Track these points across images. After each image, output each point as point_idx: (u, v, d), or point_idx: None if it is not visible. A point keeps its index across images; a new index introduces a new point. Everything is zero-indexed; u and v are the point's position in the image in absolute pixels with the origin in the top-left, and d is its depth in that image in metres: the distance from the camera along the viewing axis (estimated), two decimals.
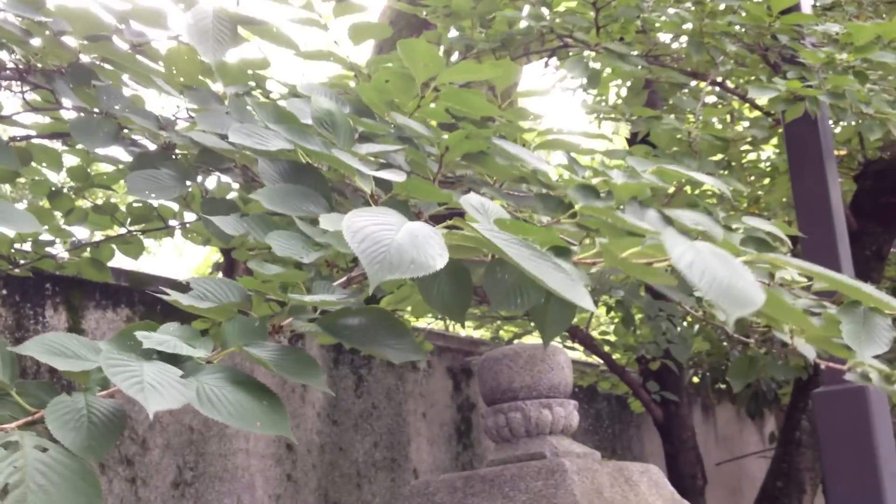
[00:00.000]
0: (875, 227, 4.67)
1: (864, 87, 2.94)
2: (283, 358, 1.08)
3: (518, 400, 2.49)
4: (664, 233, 1.09)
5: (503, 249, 1.01)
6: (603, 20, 3.77)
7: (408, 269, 0.95)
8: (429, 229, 1.03)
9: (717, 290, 0.97)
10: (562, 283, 1.01)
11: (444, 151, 1.64)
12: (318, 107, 1.51)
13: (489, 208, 1.32)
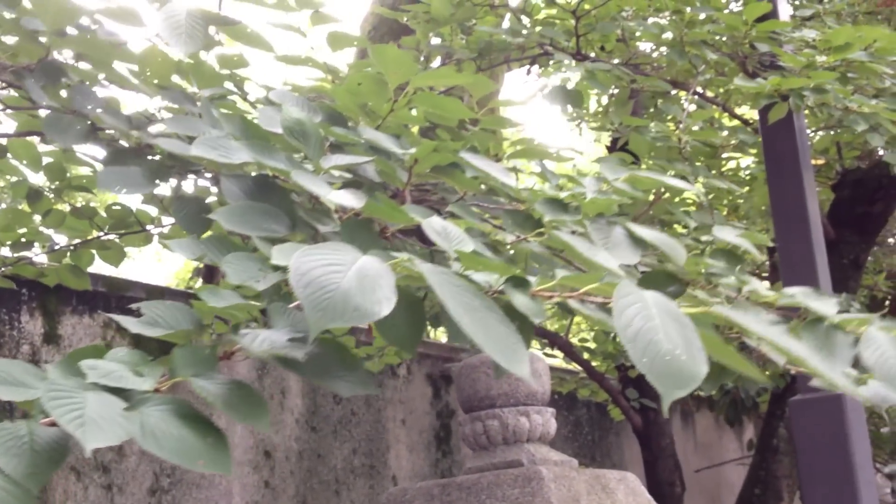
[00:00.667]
0: (852, 235, 4.70)
1: (846, 87, 2.96)
2: (231, 394, 1.06)
3: (496, 407, 2.50)
4: (619, 287, 1.06)
5: (441, 297, 0.98)
6: (583, 29, 3.79)
7: (351, 316, 0.93)
8: (380, 268, 1.01)
9: (658, 369, 0.94)
10: (499, 344, 0.98)
11: (413, 163, 1.63)
12: (289, 116, 1.50)
13: (451, 233, 1.31)
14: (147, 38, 1.86)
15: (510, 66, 5.33)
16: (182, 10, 1.57)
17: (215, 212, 1.34)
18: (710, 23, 3.48)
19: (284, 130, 1.55)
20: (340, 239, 1.36)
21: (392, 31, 6.21)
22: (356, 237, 1.35)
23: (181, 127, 1.57)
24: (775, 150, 3.55)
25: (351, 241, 1.35)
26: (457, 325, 1.36)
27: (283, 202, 1.44)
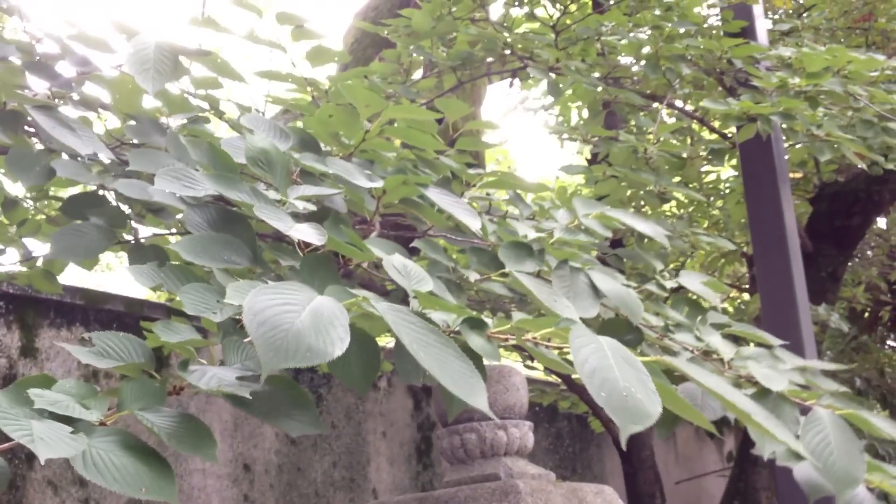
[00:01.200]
0: (830, 248, 4.73)
1: (817, 111, 2.99)
2: (177, 427, 1.06)
3: (473, 421, 2.50)
4: (573, 331, 1.09)
5: (401, 337, 1.00)
6: (562, 42, 3.81)
7: (304, 357, 0.93)
8: (334, 308, 1.01)
9: (615, 404, 0.98)
10: (456, 378, 0.99)
11: (381, 195, 1.64)
12: (252, 146, 1.50)
13: (412, 272, 1.32)
14: (116, 66, 1.85)
15: (491, 79, 5.35)
16: (150, 44, 1.57)
17: (176, 243, 1.34)
18: (688, 37, 3.51)
19: (248, 160, 1.55)
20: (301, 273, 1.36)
21: (375, 44, 6.22)
22: (316, 272, 1.36)
23: (143, 163, 1.57)
24: (752, 164, 3.58)
25: (311, 277, 1.36)
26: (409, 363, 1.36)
27: (245, 233, 1.44)
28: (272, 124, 1.82)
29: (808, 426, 1.44)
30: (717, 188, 6.04)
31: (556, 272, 1.75)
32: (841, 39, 5.31)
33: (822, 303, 4.49)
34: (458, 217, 1.67)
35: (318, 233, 1.37)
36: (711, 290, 2.04)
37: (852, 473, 1.39)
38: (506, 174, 2.14)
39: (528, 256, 1.81)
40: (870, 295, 7.03)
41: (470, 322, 1.29)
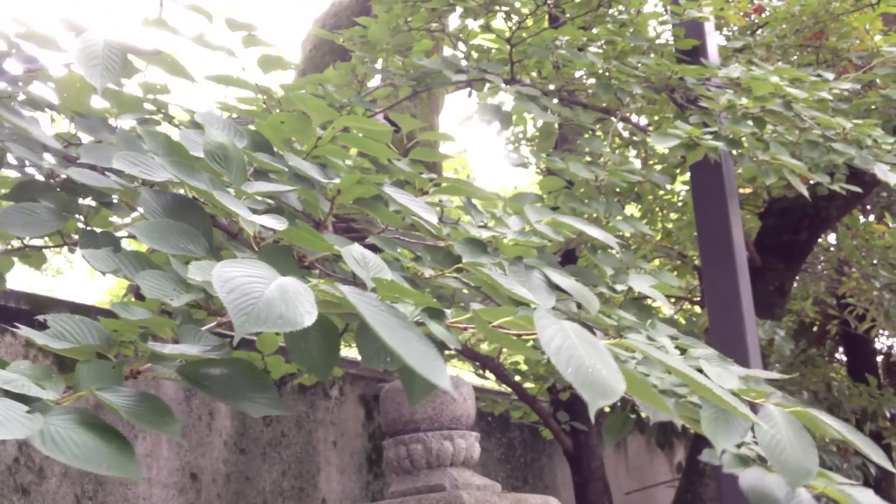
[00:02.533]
0: (778, 263, 4.81)
1: (764, 131, 3.04)
2: (137, 405, 1.06)
3: (420, 431, 2.50)
4: (536, 312, 1.10)
5: (365, 317, 1.00)
6: (517, 55, 3.84)
7: (275, 323, 0.94)
8: (299, 286, 1.02)
9: (582, 379, 1.00)
10: (419, 358, 1.00)
11: (336, 194, 1.64)
12: (211, 140, 1.50)
13: (370, 261, 1.32)
14: (65, 65, 1.84)
15: (447, 88, 5.36)
16: (100, 41, 1.55)
17: (133, 225, 1.34)
18: (639, 53, 3.55)
19: (206, 154, 1.54)
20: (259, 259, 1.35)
21: (333, 51, 6.22)
22: (275, 262, 1.35)
23: (94, 156, 1.55)
24: (702, 180, 3.63)
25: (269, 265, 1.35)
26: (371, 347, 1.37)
27: (202, 223, 1.43)
28: (227, 122, 1.82)
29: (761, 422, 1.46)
30: (671, 201, 6.12)
31: (511, 268, 1.77)
32: (793, 57, 5.40)
33: (770, 316, 4.56)
34: (416, 212, 1.68)
35: (277, 220, 1.37)
36: (660, 291, 2.07)
37: (805, 466, 1.41)
38: (459, 181, 2.16)
39: (483, 252, 1.82)
40: (818, 309, 7.15)
41: (430, 311, 1.30)
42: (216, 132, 1.53)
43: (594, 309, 1.75)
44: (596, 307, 1.75)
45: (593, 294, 1.79)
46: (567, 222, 2.06)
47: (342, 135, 1.93)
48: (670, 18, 3.71)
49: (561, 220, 2.07)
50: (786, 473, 1.38)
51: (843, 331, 7.38)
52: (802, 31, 5.29)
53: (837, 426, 1.52)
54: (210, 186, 1.39)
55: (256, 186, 1.53)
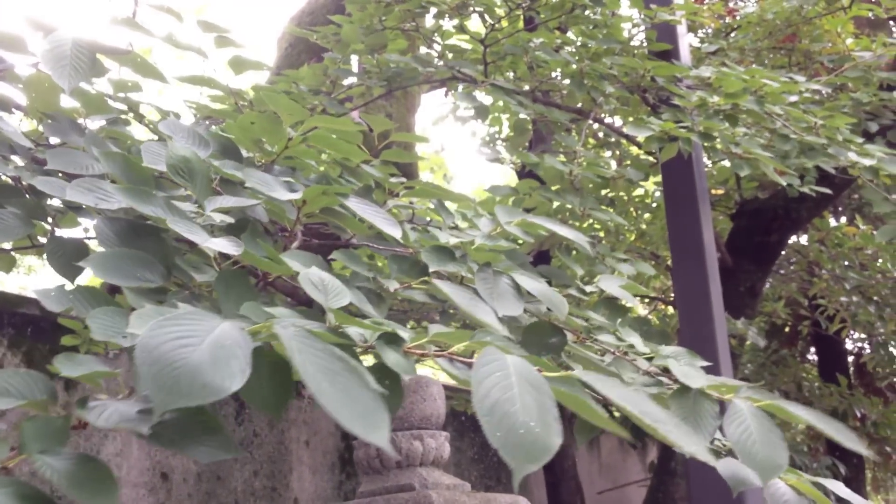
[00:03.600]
0: (749, 264, 4.84)
1: (736, 129, 3.07)
2: (78, 470, 1.01)
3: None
4: (480, 357, 1.06)
5: (304, 366, 0.96)
6: (491, 56, 3.84)
7: (199, 394, 0.90)
8: (237, 337, 0.98)
9: (511, 443, 0.95)
10: (359, 412, 0.96)
11: (302, 205, 1.63)
12: (174, 154, 1.48)
13: (329, 285, 1.30)
14: (32, 65, 1.82)
15: (422, 88, 5.37)
16: (68, 41, 1.54)
17: (87, 259, 1.29)
18: (612, 54, 3.57)
19: (169, 168, 1.51)
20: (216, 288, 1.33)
21: (309, 49, 6.20)
22: (232, 287, 1.34)
23: (62, 162, 1.53)
24: (674, 181, 3.65)
25: (226, 292, 1.33)
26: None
27: (159, 248, 1.40)
28: (192, 131, 1.80)
29: (730, 418, 1.46)
30: (645, 202, 6.15)
31: (478, 274, 1.76)
32: (766, 60, 5.45)
33: (741, 317, 4.60)
34: (379, 226, 1.67)
35: (234, 245, 1.34)
36: (629, 292, 2.08)
37: (775, 460, 1.41)
38: (428, 184, 2.16)
39: (451, 259, 1.82)
40: (790, 310, 7.21)
41: (386, 337, 1.28)
42: (179, 146, 1.51)
43: (563, 314, 1.75)
44: (565, 312, 1.75)
45: (562, 297, 1.80)
46: (538, 223, 2.06)
47: (313, 135, 1.92)
48: (642, 22, 3.73)
49: (532, 221, 2.07)
50: (755, 468, 1.38)
51: (814, 332, 7.45)
52: (775, 34, 5.33)
53: (806, 415, 1.53)
54: (165, 210, 1.36)
55: (220, 201, 1.50)
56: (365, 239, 1.88)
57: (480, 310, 1.56)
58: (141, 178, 1.52)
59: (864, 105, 4.07)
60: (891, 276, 5.57)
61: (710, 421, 1.49)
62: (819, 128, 3.01)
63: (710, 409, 1.51)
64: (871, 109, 4.10)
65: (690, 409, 1.50)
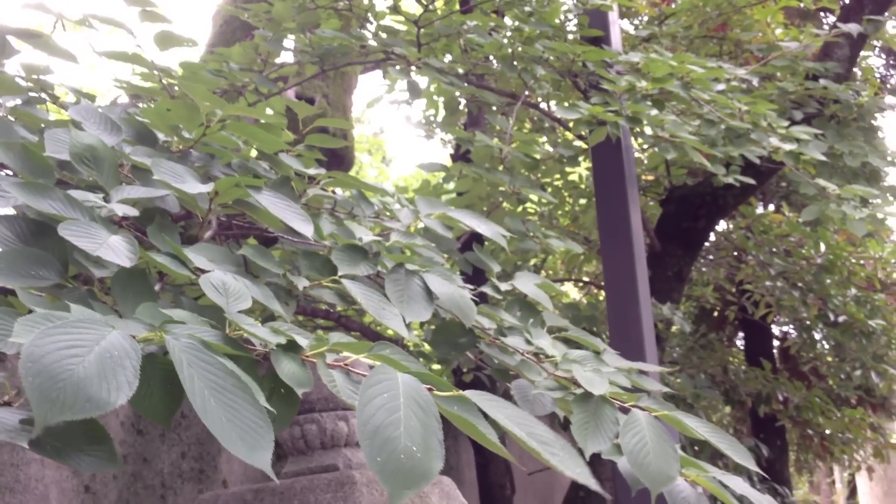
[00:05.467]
0: (677, 249, 4.92)
1: (663, 113, 3.11)
2: None
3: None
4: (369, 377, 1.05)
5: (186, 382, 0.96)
6: (425, 38, 3.84)
7: (82, 409, 0.89)
8: (126, 348, 0.96)
9: (390, 469, 0.95)
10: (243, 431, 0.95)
11: (214, 196, 1.60)
12: (78, 142, 1.43)
13: (230, 288, 1.28)
14: None
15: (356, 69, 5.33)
16: None
17: None
18: (544, 38, 3.59)
19: (73, 157, 1.46)
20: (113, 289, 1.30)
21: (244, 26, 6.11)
22: (129, 288, 1.31)
23: None
24: (603, 165, 3.69)
25: (123, 293, 1.30)
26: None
27: (56, 246, 1.35)
28: (103, 116, 1.75)
29: (627, 428, 1.49)
30: (579, 188, 6.21)
31: (390, 276, 1.75)
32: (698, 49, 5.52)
33: (668, 301, 4.67)
34: (289, 223, 1.64)
35: (128, 252, 1.29)
36: (544, 291, 2.09)
37: (666, 472, 1.45)
38: (345, 175, 2.15)
39: (363, 259, 1.80)
40: (718, 295, 7.36)
41: (284, 346, 1.26)
42: (84, 134, 1.46)
43: (469, 320, 1.75)
44: (472, 317, 1.76)
45: (471, 302, 1.80)
46: (456, 217, 2.06)
47: (231, 124, 1.90)
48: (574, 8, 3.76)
49: (451, 216, 2.07)
50: (647, 479, 1.42)
51: (741, 317, 7.61)
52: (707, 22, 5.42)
53: (701, 429, 1.58)
54: (65, 206, 1.32)
55: (128, 192, 1.46)
56: (280, 231, 1.86)
57: (388, 315, 1.56)
58: (41, 169, 1.46)
59: (789, 94, 4.16)
60: (814, 263, 5.72)
61: (610, 426, 1.52)
62: (743, 114, 3.07)
63: (611, 414, 1.54)
64: (796, 98, 4.19)
65: (592, 414, 1.53)
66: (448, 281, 1.82)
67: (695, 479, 1.68)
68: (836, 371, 6.81)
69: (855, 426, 6.87)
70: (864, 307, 5.86)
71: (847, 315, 5.79)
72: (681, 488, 1.66)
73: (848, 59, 4.55)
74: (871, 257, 6.18)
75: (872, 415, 7.37)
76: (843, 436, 6.97)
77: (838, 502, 16.14)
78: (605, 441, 1.50)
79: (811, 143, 3.22)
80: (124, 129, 1.67)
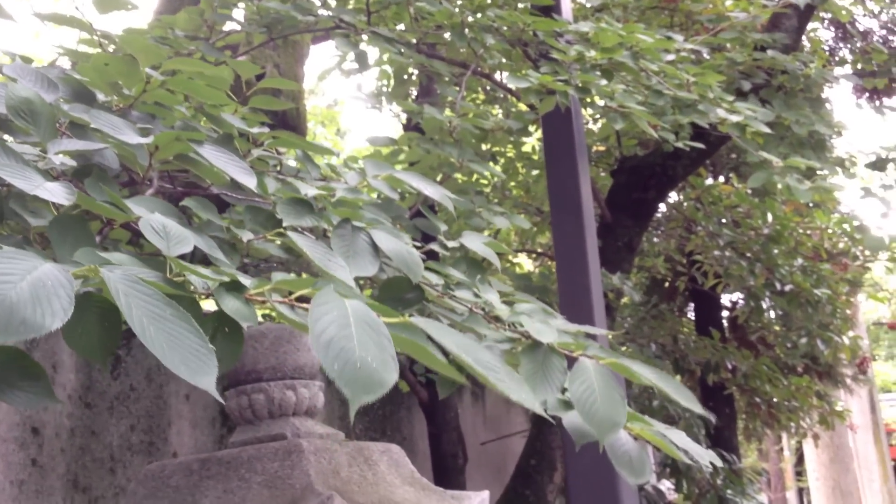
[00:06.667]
0: (627, 220, 4.95)
1: (612, 84, 3.12)
2: None
3: (262, 381, 2.48)
4: (316, 297, 1.06)
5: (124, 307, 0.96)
6: (375, 6, 3.80)
7: (17, 330, 0.89)
8: (60, 277, 0.96)
9: (347, 376, 0.97)
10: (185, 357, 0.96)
11: (154, 150, 1.58)
12: (14, 95, 1.41)
13: (171, 233, 1.27)
14: None
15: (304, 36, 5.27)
16: None
17: None
18: (496, 7, 3.58)
19: (9, 110, 1.44)
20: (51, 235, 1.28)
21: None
22: (68, 233, 1.29)
23: None
24: (553, 135, 3.69)
25: (61, 239, 1.28)
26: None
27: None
28: (39, 74, 1.71)
29: (575, 376, 1.50)
30: (531, 158, 6.22)
31: (336, 231, 1.74)
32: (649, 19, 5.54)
33: (619, 271, 4.71)
34: (232, 175, 1.63)
35: (66, 191, 1.28)
36: (492, 249, 2.10)
37: (613, 419, 1.45)
38: (290, 134, 2.12)
39: (308, 213, 1.79)
40: (669, 266, 7.43)
41: (227, 285, 1.26)
42: (20, 87, 1.44)
43: (417, 276, 1.75)
44: (419, 273, 1.76)
45: (418, 258, 1.80)
46: (403, 179, 2.05)
47: (173, 80, 1.86)
48: None
49: (397, 177, 2.06)
50: (594, 426, 1.42)
51: (692, 287, 7.70)
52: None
53: (650, 375, 1.58)
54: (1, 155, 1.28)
55: (63, 145, 1.44)
56: (223, 188, 1.84)
57: (334, 265, 1.55)
58: None
59: (738, 64, 4.19)
60: (762, 233, 5.79)
61: (557, 375, 1.52)
62: (691, 85, 3.09)
63: (559, 364, 1.55)
64: (744, 69, 4.22)
65: (540, 364, 1.54)
66: (395, 237, 1.82)
67: (639, 433, 1.70)
68: (782, 340, 6.93)
69: (801, 394, 7.01)
70: (810, 277, 5.97)
71: (793, 284, 5.89)
72: (623, 441, 1.68)
73: (796, 30, 4.60)
74: (817, 228, 6.28)
75: (818, 383, 7.52)
76: (790, 403, 7.10)
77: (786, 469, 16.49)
78: (554, 390, 1.51)
79: (758, 114, 3.25)
80: (61, 88, 1.64)
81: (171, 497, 2.34)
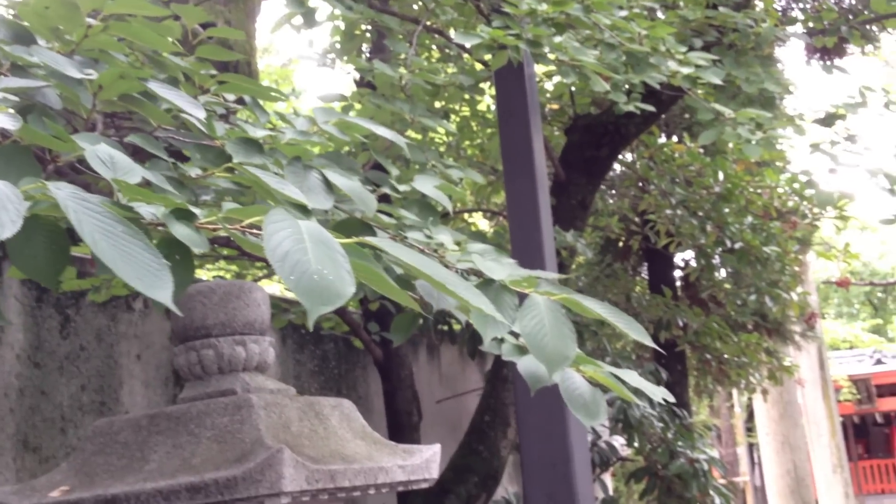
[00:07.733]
0: (580, 178, 4.97)
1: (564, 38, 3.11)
2: None
3: (211, 337, 2.46)
4: (269, 214, 1.06)
5: (80, 224, 0.95)
6: None
7: None
8: (8, 192, 0.96)
9: (304, 286, 0.98)
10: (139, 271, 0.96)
11: (98, 90, 1.55)
12: None
13: (118, 163, 1.26)
14: None
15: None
16: None
17: None
18: None
19: None
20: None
21: None
22: (12, 162, 1.26)
23: None
24: (505, 92, 3.69)
25: (5, 167, 1.27)
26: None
27: None
28: None
29: (525, 311, 1.50)
30: (486, 116, 6.21)
31: (288, 167, 1.73)
32: None
33: (573, 228, 4.74)
34: (181, 106, 1.61)
35: (11, 119, 1.27)
36: (444, 193, 2.10)
37: (563, 352, 1.46)
38: (238, 77, 2.09)
39: (258, 152, 1.78)
40: (623, 225, 7.49)
41: (177, 213, 1.25)
42: None
43: (371, 210, 1.75)
44: (373, 208, 1.76)
45: (371, 195, 1.80)
46: (355, 123, 2.04)
47: (115, 24, 1.82)
48: None
49: (349, 121, 2.05)
50: (543, 360, 1.43)
51: (645, 246, 7.77)
52: None
53: (599, 309, 1.59)
54: None
55: (6, 82, 1.42)
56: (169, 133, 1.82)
57: (290, 190, 1.54)
58: None
59: (690, 22, 4.20)
60: (713, 192, 5.85)
61: (509, 312, 1.53)
62: (643, 38, 3.09)
63: (511, 301, 1.56)
64: (696, 27, 4.23)
65: (492, 300, 1.54)
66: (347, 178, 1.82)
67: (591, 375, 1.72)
68: (733, 298, 7.04)
69: (751, 350, 7.14)
70: (759, 234, 6.05)
71: (743, 242, 5.97)
72: (577, 384, 1.69)
73: None
74: (767, 186, 6.36)
75: (767, 339, 7.66)
76: (740, 360, 7.23)
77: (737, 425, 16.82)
78: (505, 327, 1.51)
79: (709, 69, 3.26)
80: (2, 31, 1.60)
81: (120, 453, 2.32)
